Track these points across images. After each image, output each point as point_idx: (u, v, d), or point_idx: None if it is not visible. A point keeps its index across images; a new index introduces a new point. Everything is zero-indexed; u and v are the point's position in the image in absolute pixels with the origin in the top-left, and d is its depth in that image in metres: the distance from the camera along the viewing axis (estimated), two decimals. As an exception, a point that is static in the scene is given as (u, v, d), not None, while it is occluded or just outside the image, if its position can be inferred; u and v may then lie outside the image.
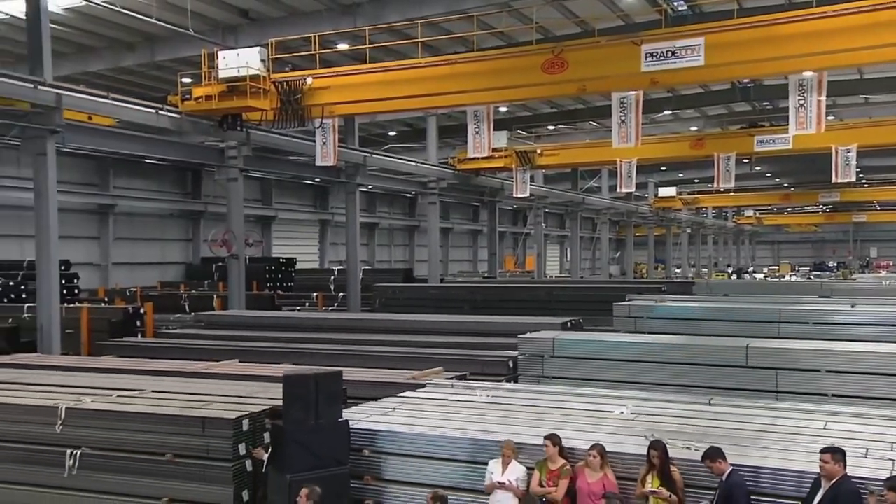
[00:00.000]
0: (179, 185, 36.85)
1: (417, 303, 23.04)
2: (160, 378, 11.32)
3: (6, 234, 29.18)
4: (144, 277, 32.81)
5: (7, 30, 19.55)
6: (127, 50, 21.91)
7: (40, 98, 15.12)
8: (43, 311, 16.60)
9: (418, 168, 29.31)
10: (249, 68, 16.99)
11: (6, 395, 10.13)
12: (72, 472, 9.04)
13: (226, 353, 14.40)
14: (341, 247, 43.97)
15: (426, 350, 13.95)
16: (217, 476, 8.39)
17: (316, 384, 7.42)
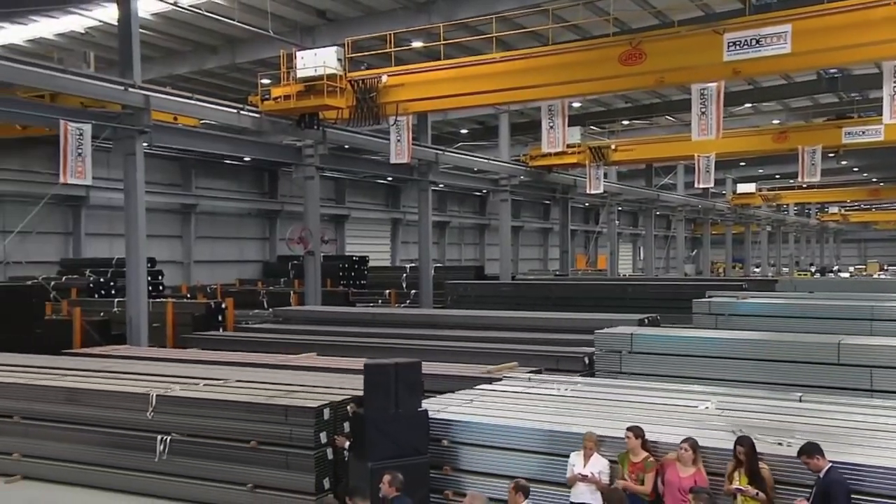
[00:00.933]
0: (257, 186, 37.93)
1: (489, 300, 23.02)
2: (242, 369, 11.65)
3: (97, 232, 30.66)
4: (224, 275, 33.90)
5: (100, 36, 20.49)
6: (210, 53, 22.68)
7: (130, 100, 15.79)
8: (132, 306, 17.31)
9: (490, 165, 29.25)
10: (326, 67, 17.30)
11: (101, 383, 10.60)
12: (162, 458, 9.39)
13: (303, 346, 14.71)
14: (412, 245, 44.45)
15: (500, 346, 13.91)
16: (299, 463, 8.58)
17: (396, 374, 7.49)
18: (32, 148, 27.82)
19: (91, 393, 10.20)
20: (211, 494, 9.09)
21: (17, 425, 10.42)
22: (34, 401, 10.43)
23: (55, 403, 10.30)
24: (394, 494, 6.18)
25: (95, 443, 9.90)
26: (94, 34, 20.36)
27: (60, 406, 10.25)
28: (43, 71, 14.61)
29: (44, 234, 28.12)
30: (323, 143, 20.69)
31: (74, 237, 30.24)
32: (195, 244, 34.57)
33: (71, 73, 15.00)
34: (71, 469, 10.02)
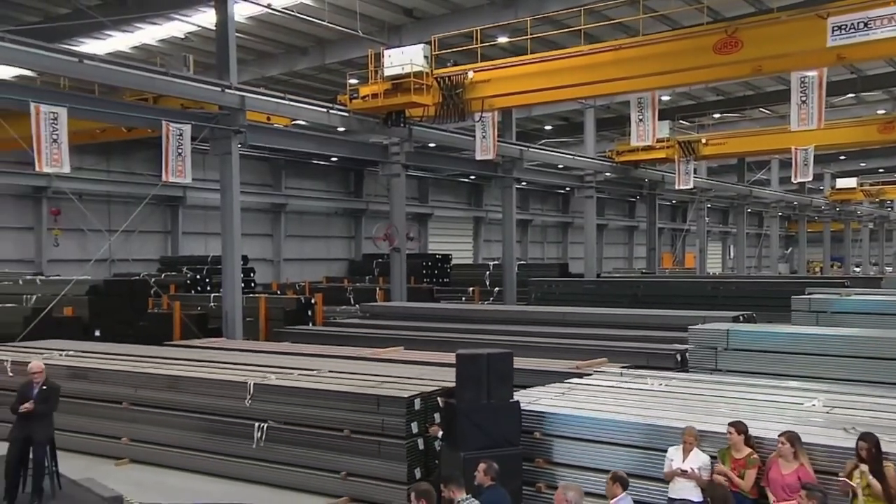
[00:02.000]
0: (343, 185, 38.73)
1: (574, 297, 22.70)
2: (334, 360, 11.89)
3: (193, 231, 32.02)
4: (311, 272, 34.77)
5: (198, 41, 21.38)
6: (300, 54, 23.30)
7: (227, 101, 16.41)
8: (227, 300, 17.98)
9: (575, 161, 28.89)
10: (413, 65, 17.49)
11: (202, 372, 11.04)
12: (259, 444, 9.69)
13: (390, 340, 14.91)
14: (494, 244, 44.41)
15: (587, 342, 13.71)
16: (391, 452, 8.71)
17: (488, 364, 7.49)
18: (135, 151, 29.30)
19: (193, 381, 10.65)
20: (306, 481, 9.33)
21: (125, 411, 10.99)
22: (140, 388, 10.97)
23: (159, 390, 10.80)
24: (489, 483, 6.17)
25: (197, 429, 10.32)
26: (193, 39, 21.26)
27: (164, 393, 10.74)
28: (147, 74, 15.36)
29: (145, 233, 29.60)
30: (409, 140, 20.93)
31: (172, 236, 31.65)
32: (284, 243, 35.60)
33: (172, 75, 15.70)
34: (174, 454, 10.47)
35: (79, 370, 11.57)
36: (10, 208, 26.76)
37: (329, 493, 9.02)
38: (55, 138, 14.05)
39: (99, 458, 10.75)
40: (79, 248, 26.55)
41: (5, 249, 26.36)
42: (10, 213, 26.71)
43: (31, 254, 27.19)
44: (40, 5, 18.73)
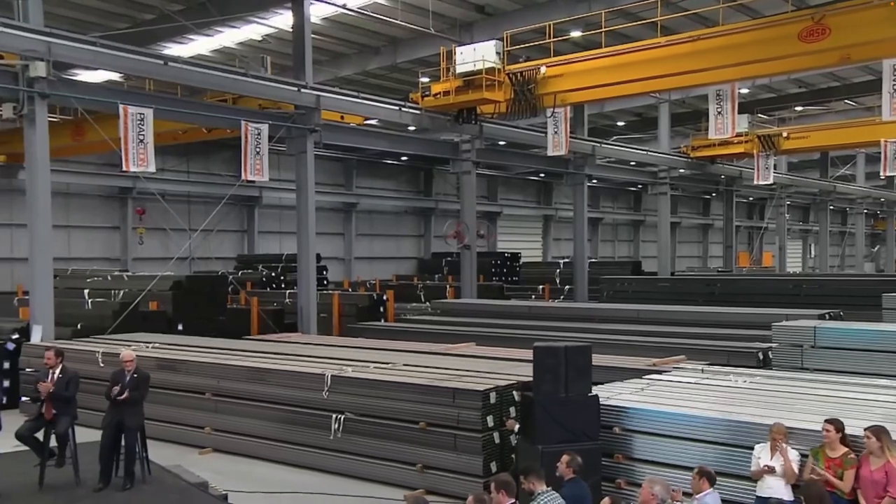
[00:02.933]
0: (413, 184, 39.04)
1: (647, 295, 22.26)
2: (408, 355, 11.99)
3: (268, 230, 32.86)
4: (381, 271, 35.19)
5: (275, 43, 21.92)
6: (373, 54, 23.62)
7: (303, 100, 16.79)
8: (303, 296, 18.39)
9: (649, 157, 28.34)
10: (485, 61, 17.50)
11: (280, 364, 11.29)
12: (336, 435, 9.85)
13: (461, 337, 14.94)
14: (564, 242, 43.98)
15: (663, 339, 13.45)
16: (467, 446, 8.72)
17: (566, 357, 7.41)
18: (214, 152, 30.29)
19: (272, 372, 10.90)
20: (382, 473, 9.42)
21: (208, 401, 11.32)
22: (223, 379, 11.29)
23: (241, 382, 11.09)
24: (570, 476, 6.11)
25: (276, 419, 10.55)
26: (270, 41, 21.82)
27: (245, 384, 11.02)
28: (228, 75, 15.85)
29: (223, 232, 30.56)
30: (480, 137, 20.95)
31: (249, 234, 32.56)
32: (355, 241, 36.14)
33: (251, 76, 16.16)
34: (255, 443, 10.74)
35: (165, 361, 11.99)
36: (98, 208, 28.02)
37: (406, 484, 9.08)
38: (141, 139, 14.65)
39: (184, 447, 11.09)
40: (161, 247, 27.60)
41: (94, 248, 27.62)
42: (98, 213, 27.97)
43: (118, 252, 28.40)
44: (128, 12, 19.55)
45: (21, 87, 13.31)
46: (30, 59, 13.10)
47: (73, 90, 14.60)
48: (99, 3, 19.24)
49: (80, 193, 26.91)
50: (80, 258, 25.67)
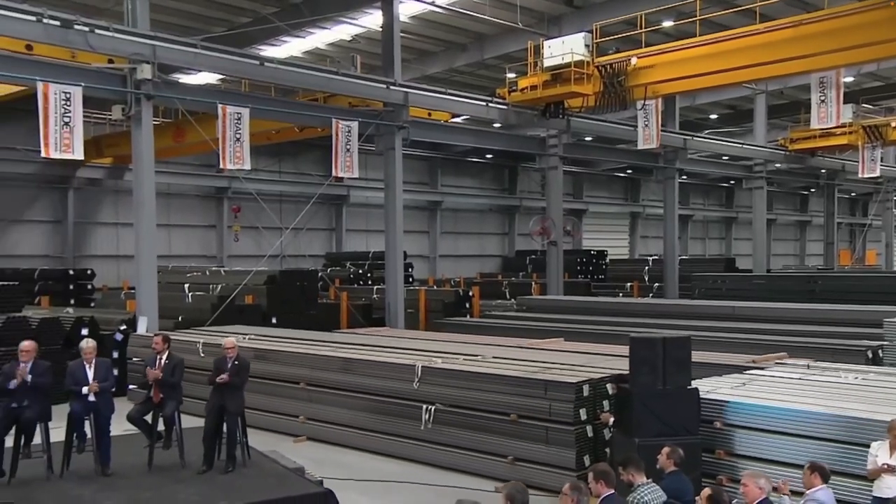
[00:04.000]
0: (497, 182, 38.97)
1: (741, 293, 21.51)
2: (496, 348, 11.97)
3: (356, 228, 33.49)
4: (465, 269, 35.29)
5: (364, 43, 22.31)
6: (460, 51, 23.70)
7: (392, 97, 17.04)
8: (390, 292, 18.66)
9: (743, 150, 27.32)
10: (574, 54, 17.28)
11: (372, 355, 11.47)
12: (427, 426, 9.92)
13: (548, 332, 14.83)
14: (651, 240, 42.96)
15: (761, 337, 12.98)
16: (559, 438, 8.62)
17: (664, 349, 7.22)
18: (305, 153, 31.11)
19: (364, 363, 11.08)
20: (473, 464, 9.43)
21: (302, 391, 11.61)
22: (316, 369, 11.56)
23: (333, 372, 11.33)
24: (671, 468, 5.94)
25: (367, 409, 10.73)
26: (360, 41, 22.23)
27: (338, 374, 11.25)
28: (320, 74, 16.26)
29: (312, 231, 31.35)
30: (567, 132, 20.72)
31: (337, 233, 33.27)
32: (440, 239, 36.37)
33: (342, 74, 16.52)
34: (347, 433, 10.95)
35: (261, 352, 12.37)
36: (196, 208, 29.25)
37: (496, 476, 9.05)
38: (238, 137, 15.21)
39: (279, 435, 11.39)
40: (254, 245, 28.54)
41: (192, 245, 28.84)
42: (195, 212, 29.19)
43: (214, 249, 29.55)
44: (225, 16, 20.32)
45: (129, 89, 14.05)
46: (137, 62, 13.81)
47: (175, 91, 15.30)
48: (197, 9, 20.08)
49: (180, 194, 28.16)
50: (180, 255, 26.84)
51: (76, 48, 13.53)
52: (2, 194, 24.85)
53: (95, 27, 13.23)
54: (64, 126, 13.06)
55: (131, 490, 7.54)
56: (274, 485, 7.88)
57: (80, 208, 26.41)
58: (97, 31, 13.22)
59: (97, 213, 27.04)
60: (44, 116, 12.84)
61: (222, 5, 19.95)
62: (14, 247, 25.10)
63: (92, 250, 26.71)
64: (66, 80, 13.16)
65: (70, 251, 26.00)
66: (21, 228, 25.45)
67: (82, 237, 26.61)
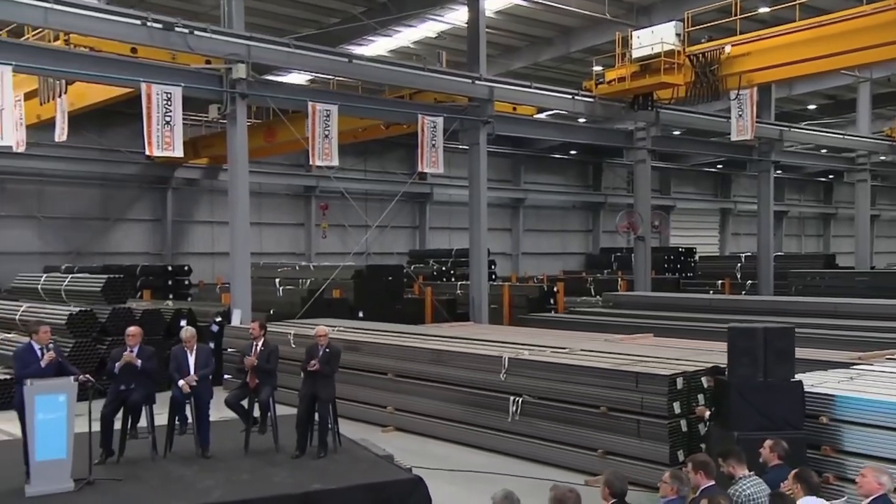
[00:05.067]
0: (581, 179, 38.47)
1: (842, 291, 20.45)
2: (584, 341, 11.78)
3: (438, 226, 33.72)
4: (548, 266, 34.98)
5: (449, 39, 22.44)
6: (545, 45, 23.49)
7: (477, 92, 17.08)
8: (474, 287, 18.70)
9: (845, 141, 25.98)
10: (664, 44, 16.86)
11: (459, 346, 11.50)
12: (514, 418, 9.87)
13: (636, 328, 14.51)
14: (743, 237, 41.46)
15: (867, 334, 12.32)
16: (651, 432, 8.42)
17: (765, 339, 6.93)
18: (389, 151, 31.58)
19: (451, 354, 11.13)
20: (561, 457, 9.33)
21: (390, 382, 11.76)
22: (404, 360, 11.69)
23: (421, 363, 11.42)
24: (775, 462, 5.70)
25: (455, 400, 10.76)
26: (445, 37, 22.37)
27: (425, 366, 11.34)
28: (407, 70, 16.46)
29: (396, 228, 31.78)
30: (656, 124, 20.24)
31: (420, 230, 33.59)
32: (523, 237, 36.19)
33: (428, 70, 16.67)
34: (434, 424, 11.01)
35: (350, 342, 12.59)
36: (285, 206, 30.11)
37: (586, 469, 8.92)
38: (327, 134, 15.56)
39: (368, 425, 11.53)
40: (340, 242, 29.15)
41: (282, 243, 29.71)
42: (285, 211, 30.06)
43: (302, 247, 30.35)
44: (315, 17, 20.83)
45: (225, 88, 14.60)
46: (232, 62, 14.34)
47: (268, 90, 15.79)
48: (288, 11, 20.65)
49: (270, 193, 29.05)
50: (270, 253, 27.67)
51: (176, 50, 14.17)
52: (108, 194, 26.31)
53: (194, 29, 13.82)
54: (165, 125, 13.69)
55: (229, 472, 7.80)
56: (365, 470, 8.00)
57: (178, 207, 27.64)
58: (196, 33, 13.81)
59: (194, 212, 28.25)
60: (147, 116, 13.49)
61: (312, 6, 20.45)
62: (119, 244, 26.50)
63: (189, 247, 27.91)
64: (168, 80, 13.81)
65: (168, 248, 27.25)
66: (125, 227, 26.83)
67: (180, 235, 27.84)
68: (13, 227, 24.63)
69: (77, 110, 17.55)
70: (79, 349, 13.47)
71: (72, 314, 14.02)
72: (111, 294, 15.08)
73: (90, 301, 14.92)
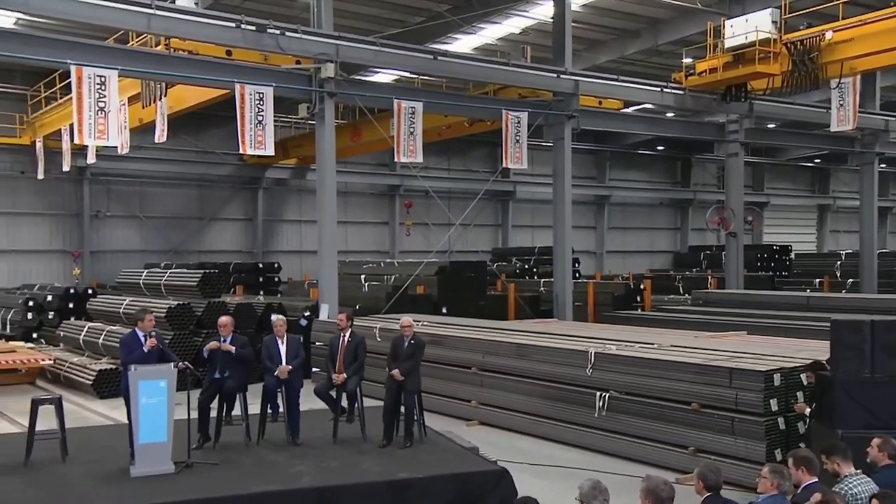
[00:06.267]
0: (669, 175, 37.54)
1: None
2: (673, 338, 11.47)
3: (522, 224, 33.57)
4: (634, 265, 34.29)
5: (534, 35, 22.27)
6: (632, 38, 23.00)
7: (561, 86, 16.91)
8: (558, 283, 18.52)
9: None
10: (759, 32, 16.22)
11: (543, 341, 11.40)
12: (601, 413, 9.72)
13: (728, 327, 13.97)
14: (842, 235, 39.49)
15: None
16: (747, 430, 8.13)
17: (872, 333, 6.57)
18: (472, 149, 31.69)
19: (535, 349, 11.05)
20: (650, 454, 9.13)
21: (474, 376, 11.78)
22: (488, 354, 11.68)
23: (504, 357, 11.40)
24: (885, 462, 5.37)
25: (539, 395, 10.68)
26: (529, 32, 22.23)
27: (509, 360, 11.30)
28: (491, 66, 16.47)
29: (479, 227, 31.83)
30: (749, 116, 19.53)
31: (503, 228, 33.53)
32: (607, 234, 35.61)
33: (513, 65, 16.62)
34: (518, 418, 10.97)
35: (435, 336, 12.67)
36: (370, 205, 30.64)
37: (676, 467, 8.67)
38: (412, 131, 15.74)
39: (452, 419, 11.58)
40: (423, 240, 29.41)
41: (366, 241, 30.25)
42: (370, 210, 30.59)
43: (386, 245, 30.80)
44: (400, 17, 21.10)
45: (314, 87, 14.97)
46: (322, 61, 14.71)
47: (355, 89, 16.10)
48: (374, 10, 20.99)
49: (356, 192, 29.63)
50: (355, 251, 28.22)
51: (268, 51, 14.64)
52: (203, 195, 27.45)
53: (286, 30, 14.24)
54: (258, 124, 14.16)
55: (318, 459, 7.97)
56: (450, 460, 8.03)
57: (269, 207, 28.57)
58: (287, 34, 14.23)
59: (283, 212, 29.13)
60: (241, 116, 13.99)
61: (398, 6, 20.71)
62: (213, 243, 27.62)
63: (278, 246, 28.80)
64: (260, 81, 14.30)
65: (259, 246, 28.19)
66: (219, 226, 27.93)
67: (270, 233, 28.76)
68: (118, 226, 26.05)
69: (175, 113, 18.37)
70: (177, 341, 14.10)
71: (171, 307, 14.69)
72: (207, 289, 15.72)
73: (187, 295, 15.60)
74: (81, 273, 24.76)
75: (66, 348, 17.10)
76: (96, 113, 12.65)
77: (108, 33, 17.29)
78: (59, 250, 25.16)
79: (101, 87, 12.67)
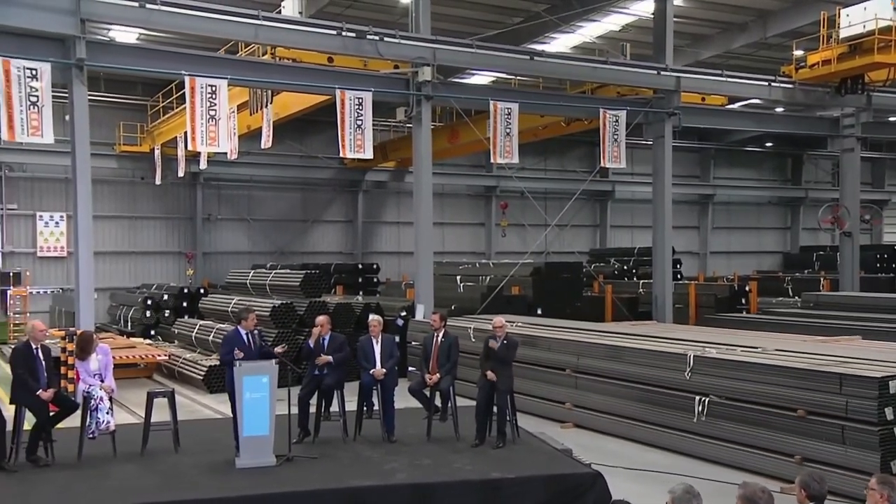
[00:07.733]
0: (778, 173, 35.94)
1: None
2: (779, 342, 10.97)
3: (620, 224, 32.94)
4: (740, 266, 32.99)
5: (634, 32, 21.82)
6: (738, 31, 22.07)
7: (662, 83, 16.50)
8: (657, 284, 18.07)
9: None
10: (878, 20, 15.29)
11: (640, 343, 11.16)
12: (700, 418, 9.42)
13: (839, 331, 13.29)
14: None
15: None
16: (859, 439, 7.72)
17: None
18: (569, 150, 31.38)
19: (631, 351, 10.83)
20: (751, 461, 8.78)
21: (568, 377, 11.66)
22: (582, 356, 11.54)
23: (600, 359, 11.23)
24: None
25: (635, 398, 10.46)
26: (629, 29, 21.77)
27: (604, 362, 11.13)
28: (588, 65, 16.30)
29: (576, 227, 31.50)
30: (867, 109, 18.44)
31: (601, 229, 33.02)
32: (711, 235, 34.42)
33: (611, 62, 16.37)
34: (613, 421, 10.78)
35: (528, 338, 12.62)
36: (467, 206, 30.87)
37: (779, 476, 8.29)
38: (508, 132, 15.76)
39: (546, 421, 11.52)
40: (519, 241, 29.36)
41: (462, 242, 30.50)
42: (466, 211, 30.82)
43: (482, 246, 30.93)
44: (498, 18, 21.14)
45: (411, 91, 15.26)
46: (419, 65, 14.97)
47: (451, 91, 16.29)
48: (472, 13, 21.12)
49: (452, 193, 29.92)
50: (451, 252, 28.49)
51: (368, 56, 15.04)
52: (306, 198, 28.46)
53: (384, 35, 14.58)
54: (357, 129, 14.57)
55: (412, 456, 8.12)
56: (543, 462, 8.01)
57: (368, 209, 29.29)
58: (386, 40, 14.56)
59: (381, 213, 29.80)
60: (341, 121, 14.45)
61: (495, 7, 20.76)
62: (315, 244, 28.59)
63: (377, 247, 29.48)
64: (359, 86, 14.71)
65: (359, 248, 28.95)
66: (321, 228, 28.89)
67: (369, 235, 29.49)
68: (227, 229, 27.38)
69: (280, 120, 19.13)
70: (280, 338, 14.67)
71: (275, 306, 15.31)
72: (309, 289, 16.29)
73: (290, 295, 16.22)
74: (194, 273, 26.19)
75: (180, 345, 18.15)
76: (208, 121, 13.37)
77: (218, 45, 18.20)
78: (174, 252, 26.71)
79: (213, 96, 13.38)
